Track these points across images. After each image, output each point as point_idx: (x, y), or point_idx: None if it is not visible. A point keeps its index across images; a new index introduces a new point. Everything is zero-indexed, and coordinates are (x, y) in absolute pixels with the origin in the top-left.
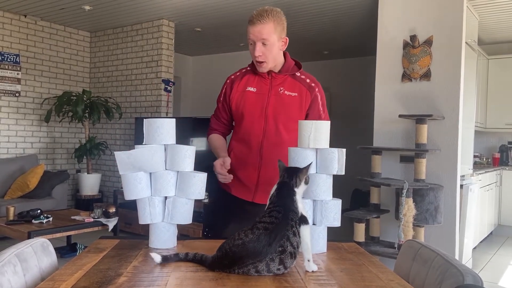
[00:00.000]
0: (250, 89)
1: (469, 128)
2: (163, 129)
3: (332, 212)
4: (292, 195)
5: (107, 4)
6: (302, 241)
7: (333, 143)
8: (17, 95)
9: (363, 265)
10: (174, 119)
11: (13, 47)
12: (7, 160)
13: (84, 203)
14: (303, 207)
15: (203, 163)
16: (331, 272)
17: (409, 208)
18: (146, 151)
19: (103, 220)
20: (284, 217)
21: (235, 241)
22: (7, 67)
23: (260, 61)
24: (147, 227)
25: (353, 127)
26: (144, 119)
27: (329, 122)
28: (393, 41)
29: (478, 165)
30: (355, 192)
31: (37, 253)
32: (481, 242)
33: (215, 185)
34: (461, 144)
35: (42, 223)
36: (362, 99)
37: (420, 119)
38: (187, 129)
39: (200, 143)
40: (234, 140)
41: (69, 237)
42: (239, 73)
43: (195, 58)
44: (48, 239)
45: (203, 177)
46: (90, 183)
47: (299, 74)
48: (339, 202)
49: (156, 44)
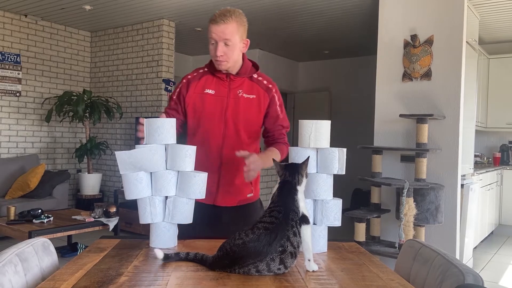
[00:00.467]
0: (208, 91)
1: (469, 127)
2: (163, 129)
3: (332, 211)
4: (293, 194)
5: (107, 4)
6: (302, 240)
7: (334, 143)
8: (17, 95)
9: (364, 264)
10: (174, 119)
11: (14, 47)
12: (8, 159)
13: (84, 203)
14: (305, 206)
15: None
16: (331, 271)
17: (409, 207)
18: (146, 151)
19: (103, 219)
20: (284, 217)
21: (235, 240)
22: (7, 67)
23: (220, 61)
24: (147, 226)
25: (353, 127)
26: (144, 119)
27: (329, 122)
28: (394, 41)
29: (478, 165)
30: (355, 191)
31: (38, 253)
32: (481, 241)
33: None
34: (461, 143)
35: (43, 222)
36: (362, 99)
37: (420, 119)
38: None
39: None
40: (191, 143)
41: (69, 237)
42: (196, 74)
43: (195, 57)
44: (49, 239)
45: (203, 176)
46: (90, 183)
47: (256, 76)
48: (339, 201)
49: (156, 43)
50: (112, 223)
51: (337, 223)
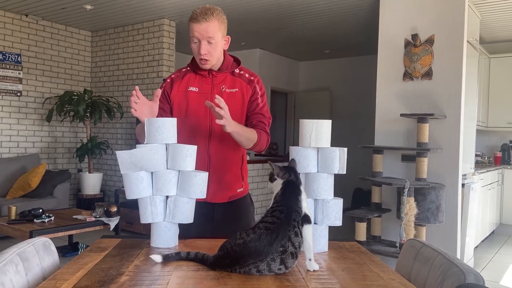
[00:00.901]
0: (192, 89)
1: (470, 127)
2: (164, 128)
3: (333, 211)
4: (297, 194)
5: (108, 3)
6: (304, 240)
7: (334, 142)
8: (18, 94)
9: (365, 264)
10: (175, 119)
11: (15, 46)
12: (9, 159)
13: (85, 203)
14: (307, 206)
15: None
16: (332, 271)
17: (410, 207)
18: (147, 151)
19: (104, 219)
20: (286, 217)
21: (236, 240)
22: (8, 67)
23: (205, 59)
24: (148, 226)
25: (354, 126)
26: (145, 119)
27: (330, 121)
28: (394, 40)
29: (479, 164)
30: (356, 191)
31: (39, 252)
32: (482, 241)
33: None
34: (462, 143)
35: (44, 222)
36: (363, 98)
37: (421, 118)
38: None
39: None
40: (178, 142)
41: (70, 236)
42: (179, 73)
43: None
44: (49, 239)
45: (204, 176)
46: (91, 183)
47: (238, 70)
48: (340, 201)
49: (157, 43)
50: (113, 222)
51: (338, 222)
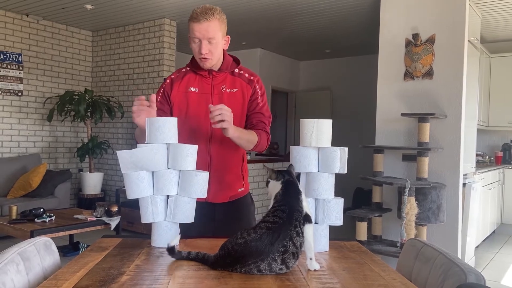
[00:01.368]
0: (192, 89)
1: (471, 126)
2: (165, 128)
3: (334, 211)
4: (298, 194)
5: (109, 3)
6: (305, 239)
7: (335, 142)
8: (19, 94)
9: (365, 264)
10: (176, 118)
11: (15, 46)
12: (10, 159)
13: (86, 202)
14: (307, 205)
15: None
16: (333, 271)
17: (411, 206)
18: (148, 150)
19: (105, 219)
20: (288, 217)
21: (237, 240)
22: (9, 67)
23: (205, 58)
24: (149, 226)
25: (355, 126)
26: (146, 118)
27: (331, 121)
28: (395, 40)
29: (480, 164)
30: (357, 191)
31: (39, 252)
32: (483, 240)
33: None
34: (463, 142)
35: (44, 222)
36: (364, 98)
37: (422, 118)
38: None
39: None
40: (178, 142)
41: (71, 236)
42: (179, 74)
43: None
44: (50, 238)
45: (205, 176)
46: (92, 182)
47: (237, 70)
48: (341, 201)
49: (158, 43)
50: (113, 222)
51: (339, 222)
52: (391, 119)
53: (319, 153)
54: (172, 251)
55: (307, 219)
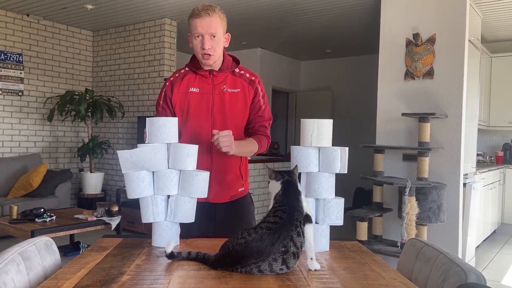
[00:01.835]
0: (193, 89)
1: (472, 126)
2: (165, 128)
3: (334, 210)
4: (297, 194)
5: (109, 3)
6: (305, 239)
7: (336, 142)
8: (20, 94)
9: (366, 263)
10: (176, 118)
11: (16, 46)
12: (11, 159)
13: (87, 202)
14: (307, 205)
15: None
16: (333, 270)
17: (412, 206)
18: (148, 150)
19: (106, 219)
20: (289, 217)
21: (238, 239)
22: (10, 66)
23: (208, 54)
24: (150, 225)
25: (355, 126)
26: (146, 118)
27: (331, 120)
28: (396, 39)
29: (481, 164)
30: (357, 190)
31: (40, 252)
32: (484, 240)
33: None
34: (464, 142)
35: (45, 222)
36: (364, 98)
37: (423, 118)
38: None
39: None
40: (180, 142)
41: (72, 236)
42: (178, 75)
43: None
44: (51, 238)
45: (205, 176)
46: (93, 182)
47: (238, 70)
48: (341, 200)
49: (158, 43)
50: (114, 222)
51: (339, 222)
52: (391, 119)
53: (319, 153)
54: (171, 256)
55: (307, 219)
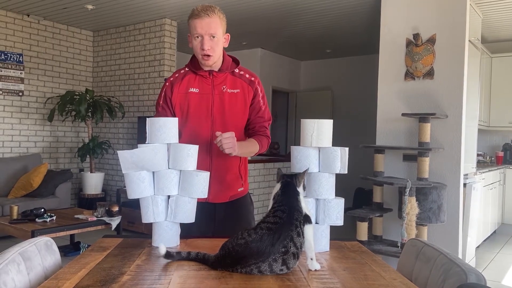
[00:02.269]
0: (192, 90)
1: (472, 126)
2: (165, 128)
3: (334, 211)
4: (296, 194)
5: (109, 3)
6: (305, 240)
7: (336, 142)
8: (20, 94)
9: (366, 264)
10: (176, 118)
11: (16, 46)
12: (11, 159)
13: (87, 202)
14: (306, 206)
15: None
16: (334, 271)
17: (412, 207)
18: (149, 150)
19: (106, 219)
20: (288, 217)
21: (238, 240)
22: (10, 67)
23: (208, 55)
24: (150, 226)
25: (355, 126)
26: (146, 118)
27: (331, 121)
28: (396, 40)
29: (481, 164)
30: (358, 191)
31: (40, 252)
32: (484, 241)
33: None
34: (464, 142)
35: (45, 222)
36: (364, 98)
37: (423, 118)
38: None
39: None
40: (180, 142)
41: (72, 236)
42: (178, 75)
43: None
44: (51, 238)
45: (205, 176)
46: (93, 182)
47: (237, 70)
48: (341, 201)
49: (158, 43)
50: (114, 222)
51: (339, 222)
52: (391, 119)
53: (319, 153)
54: (168, 255)
55: (306, 219)
